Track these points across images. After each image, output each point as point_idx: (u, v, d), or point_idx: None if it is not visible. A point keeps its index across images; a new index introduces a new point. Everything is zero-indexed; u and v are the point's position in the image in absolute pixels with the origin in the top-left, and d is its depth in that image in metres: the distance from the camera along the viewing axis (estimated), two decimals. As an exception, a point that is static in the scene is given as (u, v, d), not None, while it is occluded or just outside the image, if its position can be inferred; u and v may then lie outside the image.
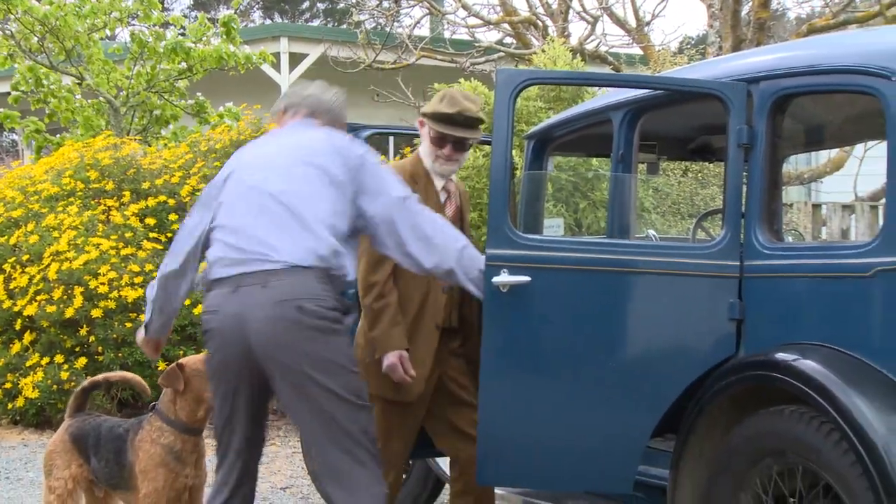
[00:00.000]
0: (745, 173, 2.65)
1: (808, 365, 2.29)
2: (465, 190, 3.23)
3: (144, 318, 2.83)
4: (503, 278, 2.59)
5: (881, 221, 2.34)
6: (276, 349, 2.35)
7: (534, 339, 2.65)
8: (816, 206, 7.54)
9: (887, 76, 2.30)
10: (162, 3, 10.45)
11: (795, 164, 9.84)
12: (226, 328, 2.39)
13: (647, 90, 3.00)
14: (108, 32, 9.28)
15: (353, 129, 3.39)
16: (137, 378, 3.33)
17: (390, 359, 2.89)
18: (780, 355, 2.39)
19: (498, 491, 3.20)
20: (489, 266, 2.61)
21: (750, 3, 8.31)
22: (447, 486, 3.47)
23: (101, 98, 8.91)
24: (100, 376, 3.31)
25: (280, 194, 2.49)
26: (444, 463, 3.43)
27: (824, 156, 9.78)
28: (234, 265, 2.43)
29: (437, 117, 2.98)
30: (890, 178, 2.29)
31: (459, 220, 3.08)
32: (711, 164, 6.56)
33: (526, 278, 2.59)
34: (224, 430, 2.51)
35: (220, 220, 2.55)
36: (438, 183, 3.04)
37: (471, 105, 2.99)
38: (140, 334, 2.86)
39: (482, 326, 2.64)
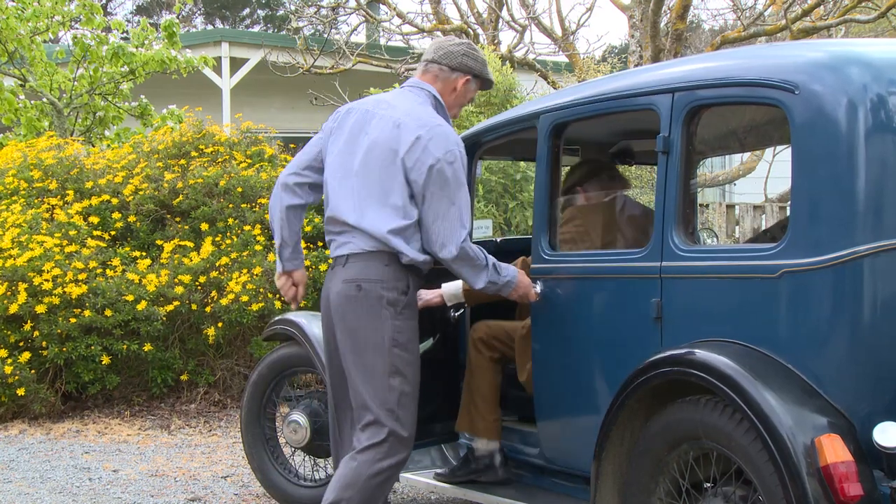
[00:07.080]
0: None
1: (721, 360, 2.39)
2: None
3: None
4: None
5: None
6: (336, 316, 2.86)
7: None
8: (730, 207, 7.87)
9: (791, 89, 2.41)
10: (104, 7, 10.49)
11: (711, 167, 10.22)
12: (323, 296, 2.96)
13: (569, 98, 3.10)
14: (50, 36, 9.21)
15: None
16: None
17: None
18: (695, 351, 2.49)
19: (408, 476, 3.36)
20: None
21: (668, 15, 8.64)
22: None
23: (44, 99, 8.82)
24: None
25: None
26: None
27: (737, 159, 10.20)
28: (334, 246, 2.95)
29: None
30: (794, 184, 2.43)
31: None
32: (633, 168, 6.78)
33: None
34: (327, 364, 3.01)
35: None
36: None
37: None
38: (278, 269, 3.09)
39: None
